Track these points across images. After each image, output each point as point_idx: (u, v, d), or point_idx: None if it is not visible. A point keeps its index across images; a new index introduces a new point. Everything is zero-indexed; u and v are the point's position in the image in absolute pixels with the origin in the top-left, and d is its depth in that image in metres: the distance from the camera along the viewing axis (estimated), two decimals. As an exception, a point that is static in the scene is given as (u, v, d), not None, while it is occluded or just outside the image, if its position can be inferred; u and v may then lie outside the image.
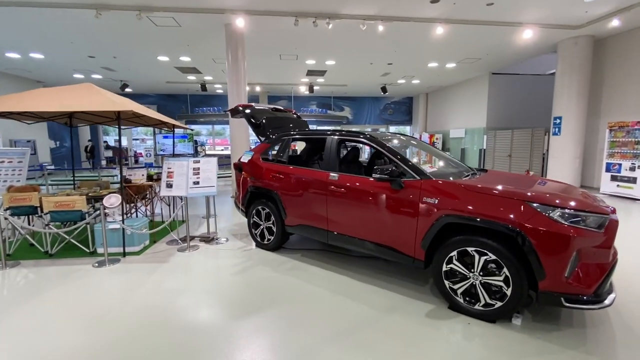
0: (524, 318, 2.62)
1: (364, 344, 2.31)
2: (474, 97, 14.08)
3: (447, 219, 2.68)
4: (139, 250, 4.35)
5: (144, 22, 7.51)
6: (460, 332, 2.44)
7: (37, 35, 8.43)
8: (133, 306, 2.89)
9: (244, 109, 4.68)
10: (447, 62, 11.61)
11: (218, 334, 2.45)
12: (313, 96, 18.60)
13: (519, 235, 2.36)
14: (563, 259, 2.26)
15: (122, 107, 3.75)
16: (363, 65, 11.89)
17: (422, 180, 2.92)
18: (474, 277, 2.60)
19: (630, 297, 2.99)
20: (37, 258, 4.13)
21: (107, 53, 10.21)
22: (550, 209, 2.36)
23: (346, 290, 3.16)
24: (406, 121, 20.38)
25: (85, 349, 2.28)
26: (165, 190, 4.53)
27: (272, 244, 4.24)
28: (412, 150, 3.83)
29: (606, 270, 2.32)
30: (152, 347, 2.30)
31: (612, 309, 2.76)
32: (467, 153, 14.87)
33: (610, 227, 2.36)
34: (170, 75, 13.31)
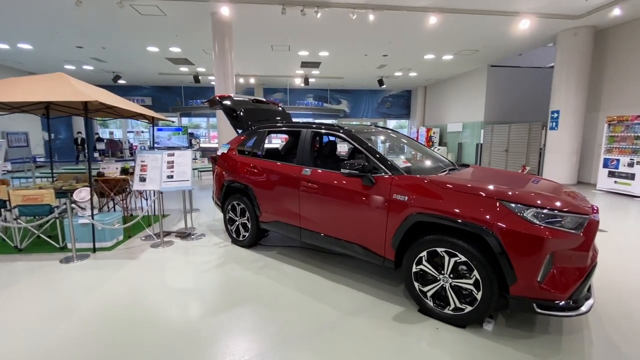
0: (497, 323, 2.47)
1: (319, 348, 2.17)
2: (472, 90, 13.79)
3: (416, 217, 2.52)
4: (111, 245, 4.22)
5: (128, 11, 7.30)
6: (425, 338, 2.29)
7: (22, 25, 8.23)
8: (91, 304, 2.75)
9: (221, 99, 4.49)
10: (444, 54, 11.32)
11: (174, 335, 2.31)
12: (309, 89, 18.33)
13: (488, 236, 2.19)
14: (535, 262, 2.09)
15: (86, 98, 3.58)
16: (357, 56, 11.63)
17: (393, 176, 2.74)
18: (444, 279, 2.45)
19: (615, 300, 2.83)
20: (6, 252, 4.01)
21: (95, 43, 10.01)
22: (523, 207, 2.18)
23: (315, 290, 3.02)
24: (404, 115, 20.11)
25: (34, 349, 2.15)
26: (139, 185, 4.38)
27: (247, 240, 4.10)
28: (398, 145, 3.68)
29: (583, 275, 2.16)
30: (104, 346, 2.17)
31: (593, 314, 2.60)
32: (465, 148, 14.64)
33: (589, 229, 2.18)
34: (162, 66, 13.10)
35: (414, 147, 4.03)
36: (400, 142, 4.05)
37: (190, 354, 2.14)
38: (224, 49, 7.73)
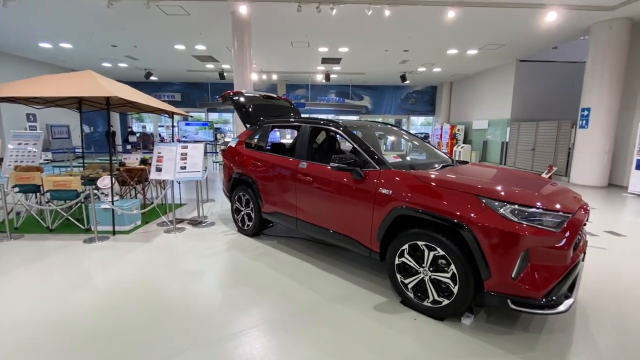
0: (478, 319, 2.49)
1: (296, 330, 2.31)
2: (499, 86, 13.24)
3: (399, 210, 2.58)
4: (129, 229, 4.60)
5: (155, 11, 7.74)
6: (402, 327, 2.37)
7: (61, 25, 8.97)
8: (105, 279, 3.07)
9: (232, 95, 4.72)
10: (468, 49, 10.97)
11: (169, 306, 2.55)
12: (331, 85, 18.38)
13: (464, 230, 2.22)
14: (509, 258, 2.10)
15: (107, 93, 3.92)
16: (378, 52, 11.53)
17: (380, 171, 2.81)
18: (424, 272, 2.50)
19: (611, 306, 2.73)
20: (40, 232, 4.49)
21: (128, 42, 10.67)
22: (499, 204, 2.19)
23: (305, 277, 3.16)
24: (429, 111, 19.64)
25: (54, 314, 2.47)
26: (155, 174, 4.72)
27: (251, 229, 4.31)
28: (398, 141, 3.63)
29: (562, 273, 2.13)
30: (112, 312, 2.45)
31: (582, 316, 2.54)
32: (490, 146, 14.12)
33: (570, 228, 2.15)
34: (190, 64, 13.68)
35: (414, 143, 4.04)
36: (401, 139, 4.08)
37: (179, 321, 2.36)
38: (243, 46, 8.00)
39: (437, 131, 17.72)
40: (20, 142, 5.75)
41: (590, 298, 2.82)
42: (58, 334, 2.27)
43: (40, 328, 2.33)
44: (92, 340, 2.21)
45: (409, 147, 4.75)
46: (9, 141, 5.69)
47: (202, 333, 2.28)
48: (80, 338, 2.22)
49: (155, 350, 2.11)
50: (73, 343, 2.17)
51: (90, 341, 2.19)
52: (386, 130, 4.04)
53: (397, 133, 4.07)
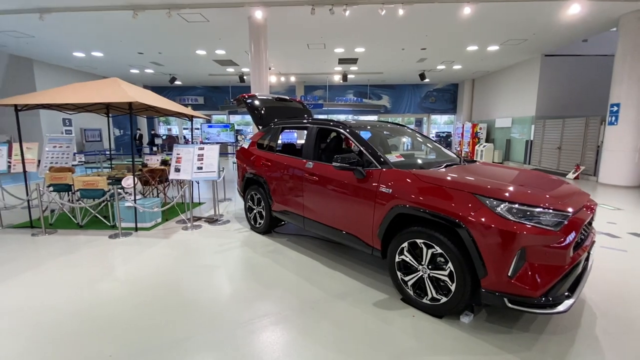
0: (478, 318, 2.49)
1: (298, 323, 2.41)
2: (523, 82, 12.77)
3: (398, 209, 2.63)
4: (150, 226, 4.89)
5: (176, 19, 8.13)
6: (399, 324, 2.41)
7: (92, 36, 9.59)
8: (125, 270, 3.32)
9: (246, 98, 4.90)
10: (488, 45, 10.67)
11: (178, 295, 2.73)
12: (349, 85, 18.39)
13: (460, 228, 2.24)
14: (505, 257, 2.10)
15: (128, 99, 4.21)
16: (395, 51, 11.46)
17: (382, 170, 2.87)
18: (423, 270, 2.53)
19: (621, 309, 2.64)
20: (71, 228, 4.87)
21: (153, 49, 11.22)
22: (497, 202, 2.19)
23: (310, 274, 3.26)
24: (450, 110, 19.21)
25: (78, 301, 2.72)
26: (174, 174, 4.99)
27: (262, 227, 4.47)
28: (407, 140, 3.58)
29: (561, 273, 2.10)
30: (131, 299, 2.67)
31: (588, 317, 2.48)
32: (513, 145, 13.63)
33: (570, 227, 2.12)
34: (211, 68, 14.17)
35: (423, 142, 4.04)
36: (409, 138, 4.09)
37: (189, 309, 2.54)
38: (259, 50, 8.22)
39: (458, 130, 17.30)
40: (55, 145, 6.24)
41: (602, 301, 2.74)
42: (81, 316, 2.50)
43: (67, 311, 2.58)
44: (112, 323, 2.42)
45: (417, 146, 4.74)
46: (46, 144, 6.19)
47: (207, 321, 2.44)
48: (103, 320, 2.44)
49: (161, 333, 2.28)
50: (96, 325, 2.39)
51: (110, 325, 2.40)
52: (394, 130, 4.06)
53: (406, 133, 4.09)
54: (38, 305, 2.70)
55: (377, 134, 4.07)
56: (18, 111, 4.72)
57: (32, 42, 10.10)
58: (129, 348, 2.16)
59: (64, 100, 4.32)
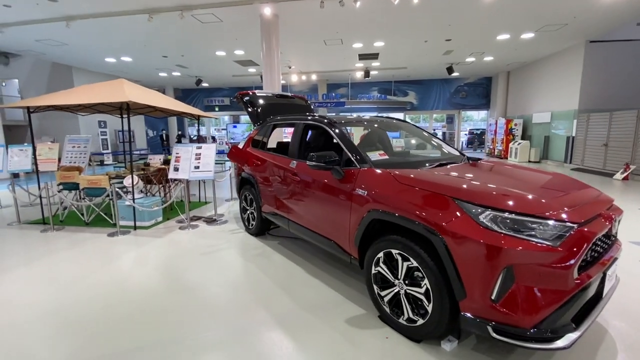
0: (464, 345, 2.10)
1: (251, 342, 2.18)
2: (565, 72, 11.55)
3: (373, 214, 2.31)
4: (149, 225, 4.91)
5: (191, 20, 8.24)
6: (368, 345, 2.10)
7: (117, 41, 10.04)
8: (115, 265, 3.31)
9: (242, 96, 4.76)
10: (522, 32, 9.73)
11: (130, 300, 2.62)
12: (373, 82, 17.84)
13: (435, 239, 1.88)
14: (488, 276, 1.72)
15: (125, 98, 4.23)
16: (417, 44, 10.84)
17: (360, 169, 2.55)
18: (399, 285, 2.19)
19: (654, 342, 2.12)
20: (78, 225, 5.03)
21: (175, 52, 11.56)
22: (480, 209, 1.80)
23: (289, 282, 3.02)
24: (482, 105, 17.99)
25: (69, 293, 2.72)
26: (173, 173, 4.98)
27: (254, 229, 4.30)
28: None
29: (561, 299, 1.68)
30: (113, 288, 2.61)
31: (607, 352, 2.00)
32: (552, 142, 12.39)
33: (574, 242, 1.69)
34: (233, 69, 14.36)
35: (424, 139, 3.63)
36: (409, 134, 3.71)
37: (135, 314, 2.40)
38: (271, 47, 8.10)
39: (491, 126, 16.14)
40: (74, 145, 6.54)
41: (631, 329, 2.22)
42: (64, 305, 2.47)
43: (37, 308, 2.55)
44: (82, 315, 2.35)
45: (418, 143, 4.32)
46: (66, 145, 6.51)
47: (141, 336, 2.29)
48: (76, 309, 2.38)
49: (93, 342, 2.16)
50: (75, 311, 2.34)
51: (81, 316, 2.34)
52: (392, 125, 3.69)
53: (404, 129, 3.70)
54: (10, 301, 2.71)
55: (374, 130, 3.73)
56: (30, 113, 4.96)
57: (67, 49, 10.81)
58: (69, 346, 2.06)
59: (66, 102, 4.44)
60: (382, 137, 3.73)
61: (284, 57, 12.53)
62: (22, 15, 7.70)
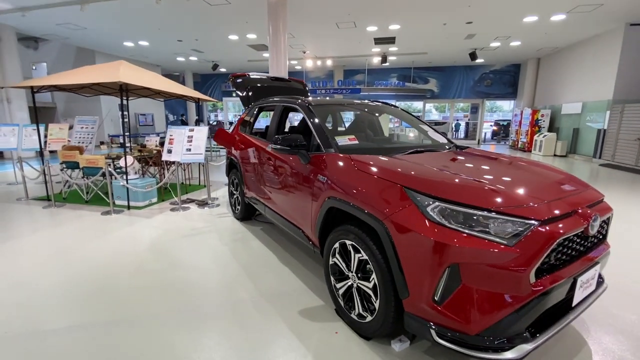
0: (417, 346, 1.94)
1: (199, 326, 2.13)
2: (600, 58, 10.56)
3: (330, 201, 2.16)
4: (143, 205, 5.00)
5: (200, 3, 8.16)
6: (315, 341, 1.99)
7: (133, 25, 10.18)
8: (101, 240, 3.40)
9: (235, 78, 4.66)
10: (552, 14, 8.91)
11: (97, 277, 2.65)
12: (392, 68, 17.19)
13: (381, 231, 1.72)
14: (430, 274, 1.54)
15: (117, 79, 4.24)
16: (435, 27, 10.24)
17: (324, 154, 2.39)
18: (352, 277, 2.05)
19: (638, 358, 1.86)
20: (78, 203, 5.21)
21: (189, 36, 11.58)
22: (428, 199, 1.61)
23: (258, 268, 2.95)
24: (509, 94, 16.94)
25: (58, 264, 2.81)
26: (166, 155, 5.00)
27: (239, 214, 4.26)
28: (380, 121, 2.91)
29: (513, 306, 1.47)
30: (97, 260, 2.67)
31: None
32: (582, 135, 11.48)
33: (532, 242, 1.47)
34: (248, 53, 14.25)
35: (412, 124, 3.38)
36: (397, 120, 3.47)
37: (97, 290, 2.42)
38: (277, 31, 7.89)
39: (516, 117, 15.18)
40: (82, 126, 6.75)
41: (619, 346, 1.97)
42: (47, 271, 2.55)
43: (38, 269, 2.65)
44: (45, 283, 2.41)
45: (408, 129, 4.05)
46: (75, 125, 6.73)
47: (93, 309, 2.29)
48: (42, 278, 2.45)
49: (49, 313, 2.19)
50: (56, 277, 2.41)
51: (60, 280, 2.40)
52: (378, 109, 3.45)
53: (391, 113, 3.46)
54: (21, 264, 2.84)
55: (364, 115, 3.53)
56: (34, 93, 5.11)
57: (87, 33, 11.10)
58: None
59: (64, 82, 4.52)
60: (373, 121, 3.53)
61: (297, 42, 12.28)
62: (40, -2, 7.93)
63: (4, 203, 5.18)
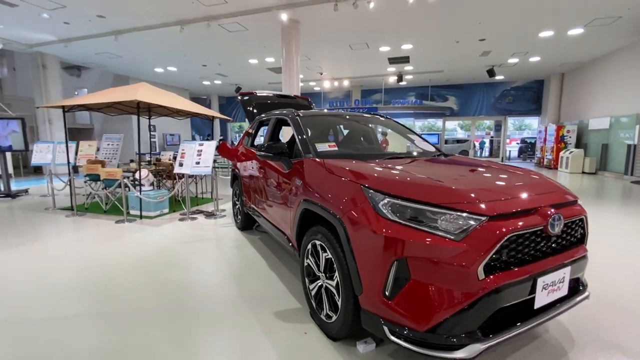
0: (385, 348, 1.92)
1: (169, 323, 2.23)
2: (627, 71, 10.14)
3: (304, 204, 2.24)
4: (154, 215, 5.29)
5: (219, 30, 8.81)
6: (281, 339, 2.02)
7: (161, 52, 11.08)
8: (109, 245, 3.65)
9: (242, 95, 4.95)
10: (569, 28, 8.78)
11: (115, 266, 2.83)
12: (409, 87, 17.31)
13: (339, 228, 1.77)
14: (380, 269, 1.56)
15: (133, 97, 4.65)
16: (448, 45, 10.33)
17: (304, 160, 2.50)
18: (322, 277, 2.09)
19: None
20: (98, 212, 5.60)
21: (213, 61, 12.41)
22: (380, 196, 1.66)
23: (246, 273, 3.04)
24: (533, 110, 16.46)
25: (71, 264, 3.07)
26: (178, 168, 5.32)
27: (240, 223, 4.41)
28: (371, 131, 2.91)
29: (462, 302, 1.45)
30: (104, 262, 2.89)
31: None
32: (611, 150, 10.86)
33: (481, 237, 1.46)
34: (268, 76, 14.96)
35: (398, 133, 3.43)
36: (387, 130, 3.54)
37: (88, 288, 2.59)
38: (290, 53, 8.32)
39: (541, 134, 14.63)
40: (109, 143, 7.32)
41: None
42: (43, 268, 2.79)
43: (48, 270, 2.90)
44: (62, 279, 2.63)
45: (397, 139, 4.09)
46: (102, 142, 7.32)
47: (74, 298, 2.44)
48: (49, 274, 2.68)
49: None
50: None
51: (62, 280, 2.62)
52: (366, 119, 3.55)
53: (380, 123, 3.54)
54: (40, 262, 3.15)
55: (359, 127, 3.65)
56: (65, 112, 5.67)
57: (122, 61, 12.20)
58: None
59: (87, 102, 5.01)
60: (367, 132, 3.63)
61: (314, 64, 12.77)
62: (80, 31, 8.91)
63: (34, 212, 5.67)
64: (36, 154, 6.91)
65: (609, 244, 3.81)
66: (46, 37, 9.58)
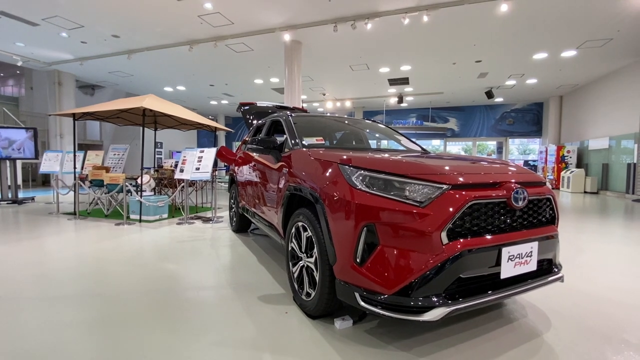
0: (364, 325, 1.95)
1: (159, 311, 2.29)
2: (625, 92, 10.35)
3: (290, 188, 2.36)
4: (153, 219, 5.40)
5: (226, 50, 9.30)
6: (260, 317, 2.06)
7: (170, 72, 11.63)
8: (105, 245, 3.74)
9: (242, 105, 5.20)
10: (562, 50, 9.09)
11: (90, 272, 2.92)
12: (411, 108, 17.71)
13: (317, 202, 1.88)
14: (350, 236, 1.65)
15: (139, 105, 4.92)
16: (445, 67, 10.70)
17: (292, 152, 2.64)
18: (303, 257, 2.16)
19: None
20: (99, 217, 5.73)
21: (220, 81, 12.94)
22: (353, 169, 1.78)
23: (236, 266, 3.10)
24: (533, 132, 16.62)
25: (64, 261, 3.18)
26: (179, 174, 5.49)
27: (235, 225, 4.50)
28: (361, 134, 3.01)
29: (427, 266, 1.53)
30: (101, 260, 2.99)
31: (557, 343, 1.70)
32: (612, 169, 10.86)
33: (443, 203, 1.55)
34: (273, 96, 15.48)
35: (388, 136, 3.59)
36: (379, 134, 3.70)
37: (79, 281, 2.67)
38: (292, 72, 8.71)
39: (541, 154, 14.71)
40: (115, 153, 7.58)
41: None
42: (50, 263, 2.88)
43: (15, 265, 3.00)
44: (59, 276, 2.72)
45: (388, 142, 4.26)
46: (109, 152, 7.60)
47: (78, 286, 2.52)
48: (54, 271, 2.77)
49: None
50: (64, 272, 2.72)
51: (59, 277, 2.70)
52: (358, 123, 3.72)
53: (371, 127, 3.71)
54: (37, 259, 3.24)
55: (353, 130, 3.83)
56: (75, 120, 5.96)
57: (133, 80, 12.80)
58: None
59: (95, 110, 5.29)
60: (360, 135, 3.81)
61: (317, 84, 13.24)
62: (95, 50, 9.47)
63: (38, 215, 5.83)
64: (45, 162, 7.17)
65: (616, 253, 3.81)
66: (64, 56, 10.18)
